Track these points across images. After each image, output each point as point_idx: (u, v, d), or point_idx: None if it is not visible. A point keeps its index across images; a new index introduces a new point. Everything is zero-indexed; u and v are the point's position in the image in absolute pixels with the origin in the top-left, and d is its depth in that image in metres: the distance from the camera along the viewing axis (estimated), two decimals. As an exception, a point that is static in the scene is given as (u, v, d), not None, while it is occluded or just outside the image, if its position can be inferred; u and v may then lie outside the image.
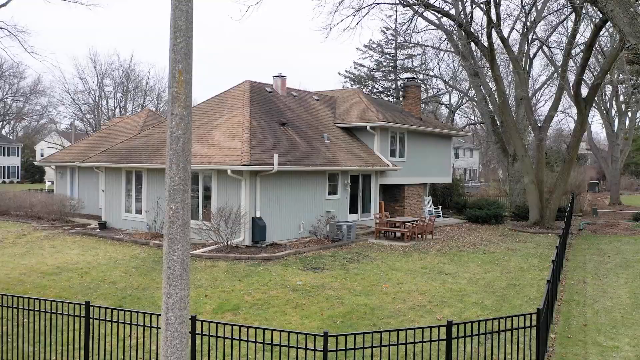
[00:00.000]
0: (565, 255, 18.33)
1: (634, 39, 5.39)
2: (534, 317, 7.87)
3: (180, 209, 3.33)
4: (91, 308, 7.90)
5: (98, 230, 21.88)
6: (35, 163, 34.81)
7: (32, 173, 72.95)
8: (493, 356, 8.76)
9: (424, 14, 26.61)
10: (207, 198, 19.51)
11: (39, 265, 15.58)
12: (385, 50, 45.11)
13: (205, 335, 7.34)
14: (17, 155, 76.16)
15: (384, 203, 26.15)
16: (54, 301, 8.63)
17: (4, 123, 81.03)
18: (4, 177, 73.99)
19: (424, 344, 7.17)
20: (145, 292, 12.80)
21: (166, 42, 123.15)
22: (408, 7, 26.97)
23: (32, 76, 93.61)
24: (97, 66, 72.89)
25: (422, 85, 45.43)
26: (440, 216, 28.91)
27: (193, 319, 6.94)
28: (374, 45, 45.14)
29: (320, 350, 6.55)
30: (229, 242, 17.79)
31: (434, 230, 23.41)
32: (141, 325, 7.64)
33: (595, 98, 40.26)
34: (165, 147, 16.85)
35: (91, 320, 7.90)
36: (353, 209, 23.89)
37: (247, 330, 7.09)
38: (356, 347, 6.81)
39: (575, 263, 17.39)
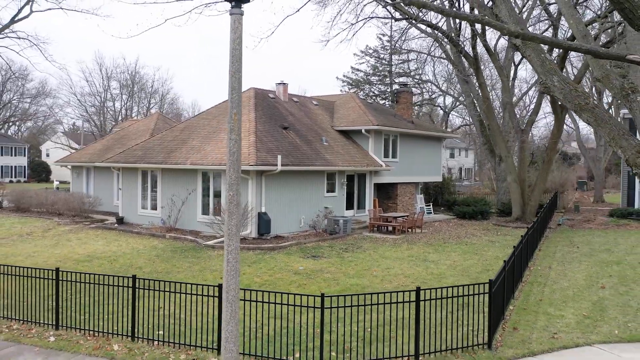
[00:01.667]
0: (538, 246, 20.46)
1: (544, 76, 7.41)
2: (487, 286, 9.98)
3: (235, 195, 5.45)
4: (137, 280, 10.00)
5: (116, 225, 23.99)
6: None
7: (39, 172, 74.86)
8: (456, 321, 10.85)
9: (417, 24, 28.74)
10: (217, 195, 21.65)
11: (71, 254, 17.69)
12: (381, 56, 47.22)
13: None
14: (24, 155, 78.13)
15: (378, 200, 28.26)
16: (105, 275, 10.72)
17: (10, 124, 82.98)
18: (12, 177, 75.95)
19: (398, 304, 9.29)
20: (169, 275, 14.90)
21: (169, 47, 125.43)
22: (402, 19, 29.10)
23: (38, 78, 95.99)
24: (103, 69, 75.06)
25: (417, 89, 47.54)
26: (430, 213, 30.98)
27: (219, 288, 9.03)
28: (370, 51, 47.27)
29: (319, 308, 8.65)
30: (237, 235, 19.89)
31: (424, 225, 25.56)
32: (182, 293, 9.73)
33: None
34: (177, 150, 19.10)
35: (136, 291, 9.99)
36: (349, 206, 26.02)
37: (263, 295, 9.19)
38: (346, 305, 8.93)
39: (546, 253, 19.50)
